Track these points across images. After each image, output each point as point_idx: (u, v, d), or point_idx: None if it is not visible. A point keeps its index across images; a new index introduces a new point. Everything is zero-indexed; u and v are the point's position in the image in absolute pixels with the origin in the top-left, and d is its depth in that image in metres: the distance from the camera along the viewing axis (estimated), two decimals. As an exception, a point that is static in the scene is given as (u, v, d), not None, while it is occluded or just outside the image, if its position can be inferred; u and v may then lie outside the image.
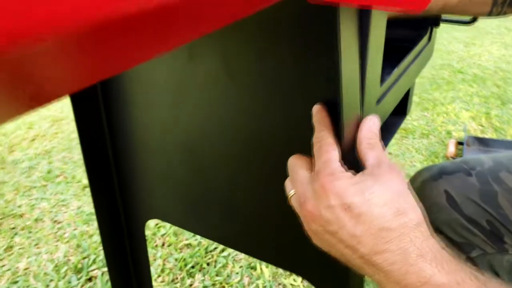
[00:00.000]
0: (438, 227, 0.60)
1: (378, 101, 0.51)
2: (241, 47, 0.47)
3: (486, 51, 2.85)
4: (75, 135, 2.00)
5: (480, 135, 1.83)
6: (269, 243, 0.60)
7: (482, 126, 1.92)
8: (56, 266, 1.25)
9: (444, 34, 3.21)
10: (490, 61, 2.67)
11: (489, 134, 1.85)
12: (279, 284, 1.18)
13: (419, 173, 0.66)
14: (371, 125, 0.40)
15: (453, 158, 1.63)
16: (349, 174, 0.36)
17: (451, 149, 1.67)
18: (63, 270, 1.24)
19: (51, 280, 1.21)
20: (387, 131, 0.68)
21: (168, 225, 1.37)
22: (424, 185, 0.62)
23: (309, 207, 0.36)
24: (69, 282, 1.19)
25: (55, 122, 2.09)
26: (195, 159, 0.60)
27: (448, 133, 1.86)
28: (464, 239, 0.59)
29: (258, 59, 0.47)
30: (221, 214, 0.63)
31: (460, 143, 1.71)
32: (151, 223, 1.39)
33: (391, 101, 0.56)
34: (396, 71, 0.56)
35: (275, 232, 0.58)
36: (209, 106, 0.54)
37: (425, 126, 1.93)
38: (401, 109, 0.76)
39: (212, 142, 0.57)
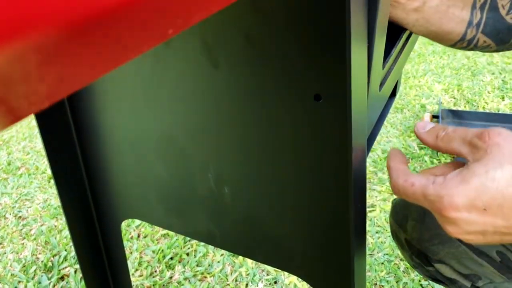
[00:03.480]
0: (441, 259, 0.56)
1: (381, 85, 0.46)
2: (223, 30, 0.41)
3: (453, 22, 2.86)
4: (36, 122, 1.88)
5: (453, 108, 1.83)
6: (259, 241, 0.55)
7: (454, 98, 1.93)
8: (23, 266, 1.17)
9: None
10: (458, 31, 2.68)
11: (462, 106, 1.86)
12: (263, 270, 1.15)
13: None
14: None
15: (429, 132, 1.63)
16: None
17: (426, 123, 1.66)
18: (31, 270, 1.16)
19: (20, 282, 1.13)
20: (380, 114, 0.64)
21: (142, 215, 1.31)
22: (424, 211, 0.56)
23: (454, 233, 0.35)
24: (40, 283, 1.12)
25: (12, 109, 1.95)
26: (175, 155, 0.54)
27: (422, 106, 1.86)
28: (471, 270, 0.55)
29: (245, 43, 0.41)
30: (207, 212, 0.57)
31: (435, 116, 1.71)
32: (124, 214, 1.32)
33: (391, 84, 0.51)
34: (395, 51, 0.51)
35: (266, 230, 0.53)
36: (189, 98, 0.48)
37: (399, 100, 1.92)
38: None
39: (194, 137, 0.51)
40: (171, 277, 1.13)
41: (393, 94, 0.71)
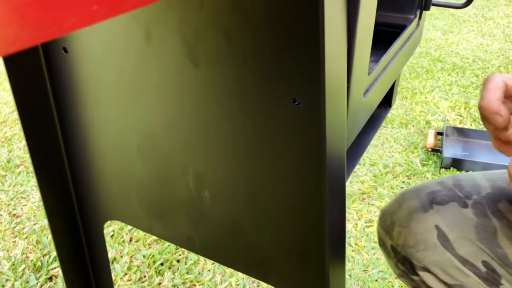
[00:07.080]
0: (425, 266, 0.54)
1: (365, 92, 0.44)
2: (203, 29, 0.40)
3: (464, 40, 2.83)
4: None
5: (459, 125, 1.81)
6: (239, 249, 0.54)
7: (461, 116, 1.90)
8: (13, 264, 1.16)
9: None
10: (468, 49, 2.65)
11: (468, 124, 1.82)
12: (253, 281, 1.12)
13: (403, 197, 0.59)
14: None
15: (432, 149, 1.60)
16: None
17: (431, 139, 1.64)
18: (20, 268, 1.15)
19: (7, 280, 1.11)
20: (372, 125, 0.62)
21: (136, 219, 1.29)
22: (411, 217, 0.55)
23: None
24: (27, 282, 1.11)
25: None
26: (156, 156, 0.53)
27: (427, 123, 1.83)
28: (456, 280, 0.53)
29: (225, 43, 0.39)
30: (186, 216, 0.56)
31: (439, 133, 1.68)
32: (118, 217, 1.31)
33: (379, 92, 0.50)
34: (385, 59, 0.50)
35: (245, 238, 0.52)
36: (170, 97, 0.47)
37: (403, 116, 1.89)
38: (385, 101, 0.70)
39: (174, 137, 0.50)
40: (159, 283, 1.11)
41: (389, 105, 0.70)
